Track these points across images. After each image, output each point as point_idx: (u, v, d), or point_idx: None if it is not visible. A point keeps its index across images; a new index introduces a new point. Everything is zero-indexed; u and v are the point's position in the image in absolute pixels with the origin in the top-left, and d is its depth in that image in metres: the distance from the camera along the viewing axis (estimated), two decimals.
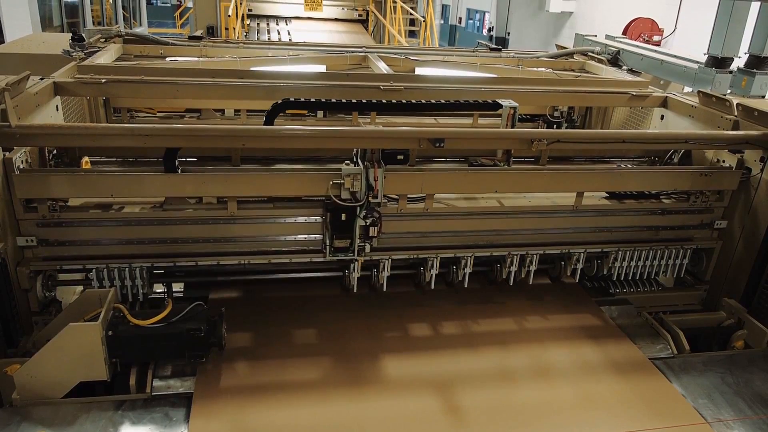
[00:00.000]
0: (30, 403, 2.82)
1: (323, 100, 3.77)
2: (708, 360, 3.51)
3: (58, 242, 3.24)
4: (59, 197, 3.20)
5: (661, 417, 3.02)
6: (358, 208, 3.28)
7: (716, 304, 4.06)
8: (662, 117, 4.53)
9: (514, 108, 3.61)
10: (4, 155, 3.04)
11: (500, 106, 3.67)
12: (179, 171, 3.21)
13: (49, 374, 2.82)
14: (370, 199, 3.26)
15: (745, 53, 5.37)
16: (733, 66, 5.23)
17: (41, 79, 3.63)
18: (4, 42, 8.66)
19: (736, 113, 3.87)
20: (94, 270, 3.28)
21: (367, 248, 3.41)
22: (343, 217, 3.28)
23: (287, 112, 5.01)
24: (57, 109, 3.74)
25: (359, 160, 3.31)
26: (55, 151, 3.62)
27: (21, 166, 3.13)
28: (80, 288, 3.56)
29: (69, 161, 3.73)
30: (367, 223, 3.31)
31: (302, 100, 3.72)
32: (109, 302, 2.98)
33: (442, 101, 3.96)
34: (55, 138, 3.17)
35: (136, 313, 3.00)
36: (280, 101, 3.57)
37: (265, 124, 3.53)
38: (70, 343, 2.79)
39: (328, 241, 3.37)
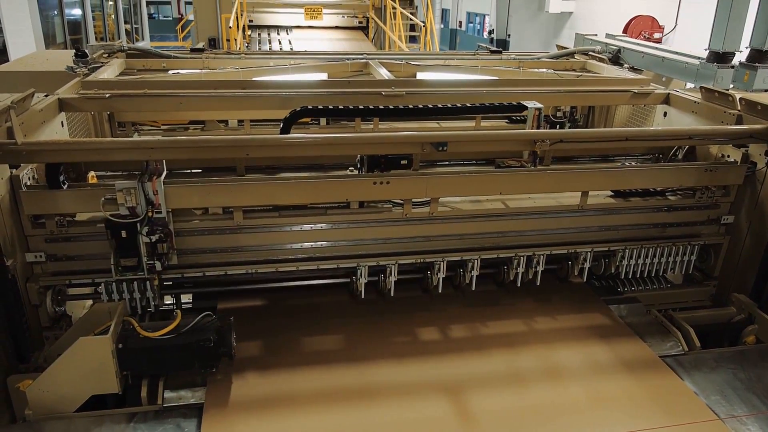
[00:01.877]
0: (43, 417, 2.84)
1: (340, 107, 3.76)
2: (719, 356, 3.48)
3: (66, 257, 3.27)
4: (66, 212, 3.22)
5: (673, 415, 3.00)
6: (139, 225, 3.05)
7: (726, 300, 4.03)
8: (665, 114, 4.53)
9: (539, 109, 3.60)
10: (11, 172, 3.07)
11: (525, 107, 3.67)
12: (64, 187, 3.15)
13: (61, 388, 2.84)
14: (150, 214, 3.06)
15: (747, 47, 5.37)
16: (735, 61, 5.23)
17: (46, 95, 3.67)
18: (9, 60, 8.76)
19: (739, 108, 3.86)
20: (102, 283, 3.30)
21: (158, 266, 3.18)
22: (124, 234, 3.05)
23: None
24: (62, 125, 3.78)
25: (141, 173, 3.12)
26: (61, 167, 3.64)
27: (28, 183, 3.16)
28: (90, 302, 3.58)
29: (75, 176, 3.76)
30: (152, 240, 3.10)
31: (319, 107, 3.68)
32: (118, 315, 3.00)
33: (467, 105, 3.96)
34: (61, 154, 3.19)
35: (146, 326, 3.02)
36: (298, 108, 3.55)
37: (282, 131, 3.52)
38: (81, 357, 2.81)
39: (113, 260, 3.14)
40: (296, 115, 3.55)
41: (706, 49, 5.33)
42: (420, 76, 5.04)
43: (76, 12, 15.54)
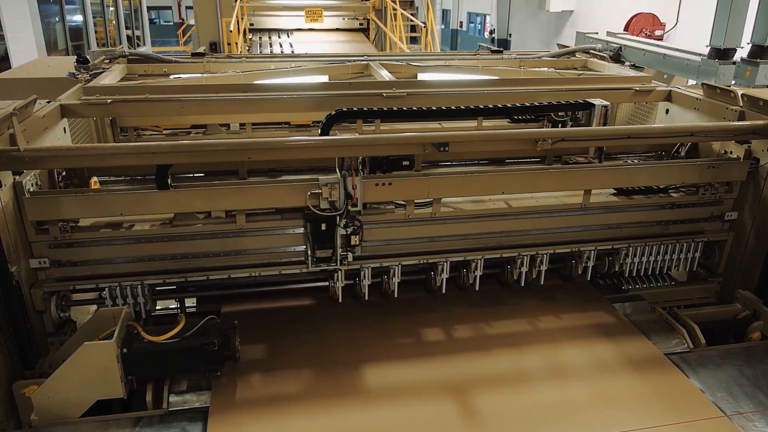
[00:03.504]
0: (49, 423, 2.85)
1: (375, 108, 3.75)
2: (725, 353, 3.48)
3: (70, 263, 3.27)
4: (70, 218, 3.23)
5: (679, 412, 2.99)
6: (338, 218, 3.25)
7: (731, 297, 4.02)
8: (667, 111, 4.52)
9: (606, 107, 3.61)
10: (14, 179, 3.08)
11: (591, 105, 3.69)
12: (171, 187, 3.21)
13: (67, 394, 2.84)
14: (349, 207, 3.23)
15: (748, 43, 5.35)
16: (736, 57, 5.21)
17: (48, 102, 3.68)
18: (10, 67, 8.79)
19: (741, 104, 3.85)
20: (107, 288, 3.31)
21: (350, 257, 3.38)
22: (323, 227, 3.25)
23: (292, 123, 5.06)
24: (64, 131, 3.79)
25: (337, 169, 3.28)
26: (64, 173, 3.66)
27: (31, 189, 3.17)
28: (94, 307, 3.59)
29: (78, 182, 3.77)
30: (348, 232, 3.28)
31: (355, 109, 3.70)
32: (122, 320, 3.00)
33: (526, 104, 3.96)
34: (63, 160, 3.21)
35: (150, 330, 3.02)
36: (333, 112, 3.57)
37: (322, 134, 3.55)
38: (86, 362, 2.81)
39: (309, 252, 3.34)
40: (334, 117, 3.55)
41: (707, 46, 5.31)
42: (421, 77, 5.04)
43: (78, 18, 15.60)
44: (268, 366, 3.33)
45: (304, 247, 3.47)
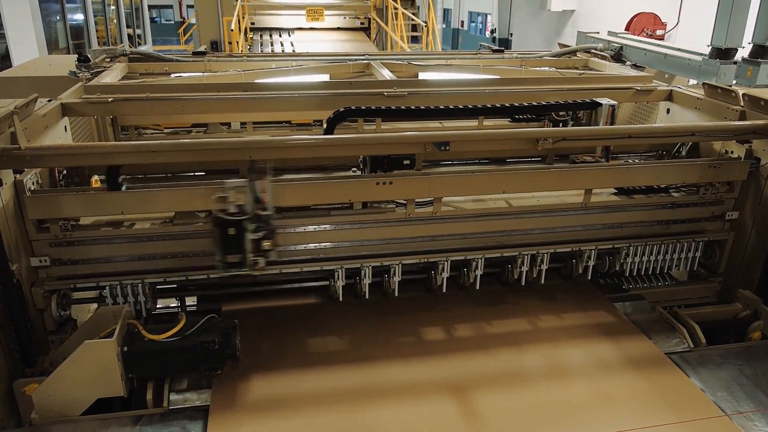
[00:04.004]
0: (49, 421, 2.85)
1: (383, 107, 3.74)
2: (725, 352, 3.47)
3: (71, 261, 3.27)
4: (71, 217, 3.23)
5: (679, 411, 2.99)
6: (247, 222, 3.09)
7: (731, 296, 4.02)
8: (668, 111, 4.52)
9: (613, 106, 3.61)
10: (15, 177, 3.08)
11: (598, 105, 3.66)
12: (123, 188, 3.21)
13: (67, 392, 2.84)
14: (258, 212, 3.11)
15: (749, 43, 5.35)
16: (738, 56, 5.21)
17: (49, 100, 3.68)
18: (11, 66, 8.80)
19: (742, 104, 3.85)
20: (107, 287, 3.32)
21: (262, 262, 3.21)
22: (232, 231, 3.11)
23: (293, 122, 5.07)
24: (65, 130, 3.79)
25: (248, 172, 3.18)
26: (65, 171, 3.66)
27: (32, 188, 3.18)
28: (95, 306, 3.59)
29: (79, 180, 3.77)
30: (258, 237, 3.13)
31: (363, 108, 3.67)
32: (123, 318, 3.00)
33: (532, 103, 3.96)
34: (64, 158, 3.21)
35: (151, 328, 3.02)
36: (341, 109, 3.54)
37: (326, 132, 3.53)
38: (86, 360, 2.81)
39: (218, 256, 3.18)
40: (340, 115, 3.53)
41: (708, 46, 5.31)
42: (422, 76, 5.04)
43: (79, 17, 15.60)
44: (268, 365, 3.33)
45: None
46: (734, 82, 4.98)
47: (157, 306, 3.70)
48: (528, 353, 3.47)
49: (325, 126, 3.61)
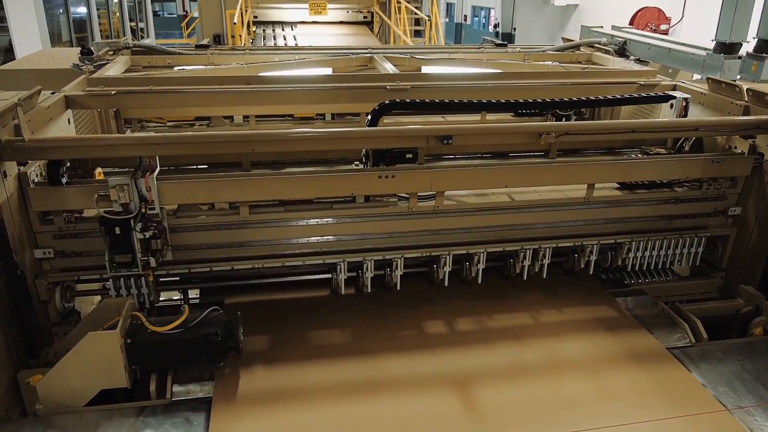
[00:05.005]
0: (53, 412, 2.87)
1: (427, 100, 3.72)
2: (727, 348, 3.48)
3: (74, 253, 3.29)
4: (74, 209, 3.24)
5: (680, 406, 3.00)
6: (132, 221, 3.04)
7: (733, 292, 4.02)
8: (672, 105, 4.50)
9: (686, 99, 3.66)
10: (19, 169, 3.09)
11: (672, 98, 3.69)
12: (64, 182, 3.18)
13: (71, 383, 2.86)
14: (144, 210, 3.04)
15: (754, 38, 5.33)
16: (742, 51, 5.19)
17: (52, 93, 3.69)
18: (15, 58, 8.79)
19: (746, 98, 3.84)
20: (111, 279, 3.33)
21: (153, 262, 3.17)
22: (118, 230, 3.04)
23: (296, 115, 5.07)
24: (69, 122, 3.79)
25: (134, 170, 3.11)
26: (68, 164, 3.67)
27: (36, 180, 3.19)
28: (98, 298, 3.61)
29: (82, 173, 3.78)
30: (146, 237, 3.08)
31: (407, 101, 3.65)
32: (126, 310, 3.02)
33: (600, 97, 3.99)
34: (68, 150, 3.21)
35: (154, 320, 3.04)
36: (387, 101, 3.53)
37: (370, 125, 3.52)
38: (90, 352, 2.83)
39: (107, 256, 3.13)
40: (384, 108, 3.52)
41: (712, 40, 5.29)
42: (425, 69, 5.03)
43: (82, 10, 15.60)
44: (270, 357, 3.35)
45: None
46: (738, 77, 4.96)
47: (161, 298, 3.71)
48: (530, 347, 3.48)
49: (369, 118, 3.59)
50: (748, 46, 5.28)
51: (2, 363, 2.95)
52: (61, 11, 14.38)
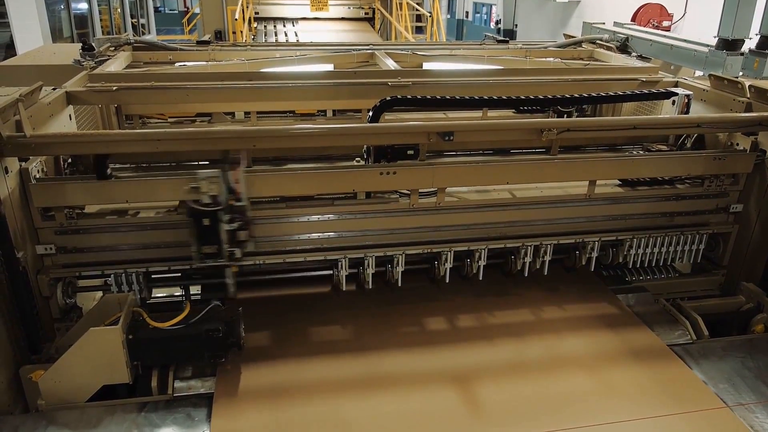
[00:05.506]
0: (55, 407, 2.88)
1: (429, 97, 3.69)
2: (728, 345, 3.48)
3: (76, 249, 3.29)
4: (76, 205, 3.25)
5: (681, 403, 3.00)
6: (221, 213, 3.08)
7: (734, 289, 4.02)
8: (674, 102, 4.49)
9: (688, 96, 3.64)
10: (21, 165, 3.09)
11: (674, 94, 3.68)
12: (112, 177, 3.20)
13: (73, 379, 2.87)
14: (232, 202, 3.09)
15: (756, 34, 5.30)
16: (745, 48, 5.16)
17: (54, 89, 3.69)
18: (16, 54, 8.78)
19: (748, 95, 3.83)
20: (112, 275, 3.33)
21: (238, 253, 3.20)
22: (206, 222, 3.08)
23: (297, 111, 5.06)
24: (70, 118, 3.80)
25: (219, 163, 3.14)
26: (69, 160, 3.67)
27: (37, 176, 3.19)
28: (100, 294, 3.61)
29: (84, 169, 3.78)
30: (233, 228, 3.13)
31: (409, 97, 3.62)
32: (128, 306, 3.02)
33: (602, 94, 3.90)
34: (69, 146, 3.22)
35: (155, 316, 3.04)
36: (388, 98, 3.53)
37: (371, 121, 3.51)
38: (91, 347, 2.84)
39: (194, 247, 3.17)
40: (386, 104, 3.52)
41: (715, 37, 5.26)
42: (426, 66, 5.02)
43: (83, 6, 15.57)
44: (272, 353, 3.35)
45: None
46: (741, 73, 4.93)
47: (162, 294, 3.72)
48: (530, 344, 3.48)
49: (370, 114, 3.58)
50: (750, 43, 5.25)
51: (4, 359, 2.95)
52: (62, 7, 14.35)
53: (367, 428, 2.87)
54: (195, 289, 3.87)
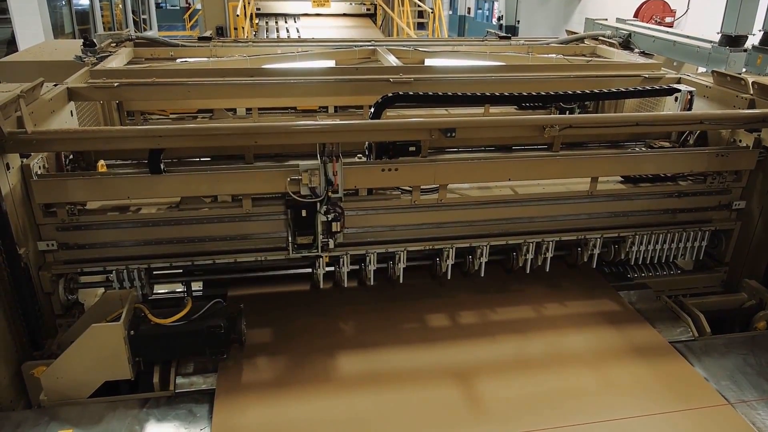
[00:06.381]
0: (57, 403, 2.89)
1: (431, 93, 3.69)
2: (729, 342, 3.48)
3: (77, 245, 3.29)
4: (77, 201, 3.25)
5: (683, 399, 3.00)
6: (318, 204, 3.22)
7: (737, 286, 4.01)
8: (676, 98, 4.47)
9: (691, 92, 3.65)
10: (22, 162, 3.09)
11: (677, 90, 3.70)
12: (164, 171, 3.25)
13: (75, 375, 2.88)
14: (329, 194, 3.20)
15: (760, 30, 5.30)
16: (748, 44, 5.15)
17: (55, 85, 3.68)
18: (17, 50, 8.78)
19: (751, 92, 3.82)
20: (114, 271, 3.33)
21: (331, 244, 3.35)
22: (304, 213, 3.22)
23: (298, 108, 5.06)
24: (72, 115, 3.79)
25: (318, 155, 3.23)
26: (71, 156, 3.67)
27: (39, 172, 3.19)
28: (101, 290, 3.62)
29: (85, 165, 3.78)
30: (329, 219, 3.24)
31: (410, 93, 3.64)
32: (130, 302, 3.02)
33: (604, 90, 3.91)
34: (71, 143, 3.22)
35: (157, 313, 3.04)
36: (390, 94, 3.53)
37: (373, 117, 3.52)
38: (93, 343, 2.84)
39: (290, 238, 3.30)
40: (387, 100, 3.52)
41: (718, 33, 5.24)
42: (428, 62, 5.01)
43: (84, 2, 15.55)
44: (273, 349, 3.35)
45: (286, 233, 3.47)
46: (744, 69, 4.93)
47: (164, 291, 3.72)
48: (532, 340, 3.48)
49: (372, 110, 3.58)
50: (753, 39, 5.24)
51: (7, 355, 2.96)
52: (63, 3, 14.33)
53: (369, 424, 2.87)
54: (197, 285, 3.89)
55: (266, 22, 12.41)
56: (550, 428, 2.85)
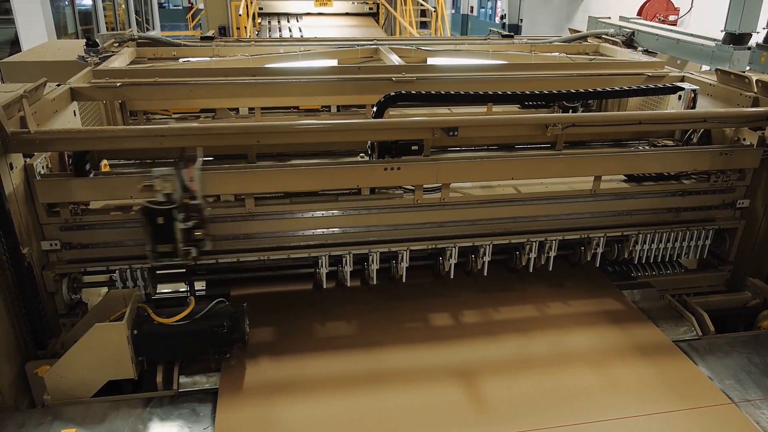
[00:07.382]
0: (61, 402, 2.89)
1: (433, 92, 3.68)
2: (733, 341, 3.46)
3: (81, 245, 3.30)
4: (80, 201, 3.25)
5: (686, 399, 2.99)
6: (175, 211, 3.04)
7: (741, 285, 4.00)
8: (680, 97, 4.46)
9: (695, 90, 3.62)
10: (25, 161, 3.10)
11: (680, 89, 3.66)
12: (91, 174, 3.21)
13: (78, 374, 2.88)
14: (187, 201, 3.04)
15: (764, 28, 5.27)
16: (752, 42, 5.13)
17: (58, 85, 3.69)
18: (21, 50, 8.79)
19: (755, 90, 3.80)
20: (117, 271, 3.34)
21: (194, 252, 3.16)
22: (161, 220, 3.05)
23: (301, 107, 5.06)
24: (75, 114, 3.80)
25: (177, 161, 3.10)
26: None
27: (42, 172, 3.19)
28: (105, 289, 3.62)
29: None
30: (189, 226, 3.08)
31: (413, 92, 3.63)
32: (133, 302, 3.03)
33: (608, 89, 3.90)
34: (74, 142, 3.22)
35: (160, 312, 3.05)
36: (392, 93, 3.52)
37: (375, 116, 3.50)
38: (97, 343, 2.85)
39: (148, 246, 3.14)
40: (390, 99, 3.51)
41: (722, 31, 5.22)
42: (431, 61, 5.01)
43: (87, 2, 15.58)
44: (276, 349, 3.36)
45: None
46: (748, 68, 4.90)
47: (167, 290, 3.73)
48: (535, 340, 3.47)
49: (374, 109, 3.57)
50: (757, 37, 5.21)
51: (10, 354, 2.97)
52: (66, 3, 14.36)
53: (372, 423, 2.87)
54: (200, 285, 3.90)
55: (269, 22, 12.42)
56: (553, 427, 2.85)
